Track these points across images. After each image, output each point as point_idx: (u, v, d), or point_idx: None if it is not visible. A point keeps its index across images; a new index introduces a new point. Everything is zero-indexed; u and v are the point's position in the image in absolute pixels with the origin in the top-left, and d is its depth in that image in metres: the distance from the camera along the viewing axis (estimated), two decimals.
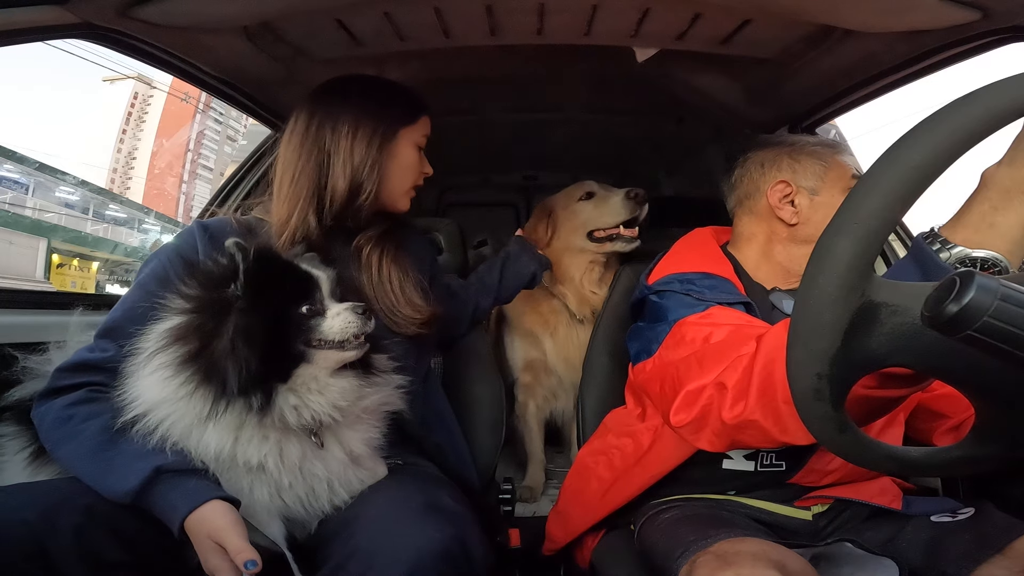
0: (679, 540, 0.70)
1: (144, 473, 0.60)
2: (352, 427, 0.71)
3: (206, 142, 65.31)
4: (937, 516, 0.74)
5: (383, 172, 0.84)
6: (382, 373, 0.75)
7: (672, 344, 0.78)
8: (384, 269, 0.87)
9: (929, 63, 0.92)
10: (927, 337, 0.35)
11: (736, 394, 0.64)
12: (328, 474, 0.68)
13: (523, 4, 0.90)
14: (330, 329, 0.66)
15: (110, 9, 0.78)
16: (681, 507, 0.82)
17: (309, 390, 0.66)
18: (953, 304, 0.30)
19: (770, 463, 0.82)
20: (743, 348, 0.66)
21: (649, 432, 0.86)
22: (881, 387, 0.49)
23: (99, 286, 21.41)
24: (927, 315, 0.32)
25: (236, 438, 0.63)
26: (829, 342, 0.36)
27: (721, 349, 0.70)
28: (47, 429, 0.66)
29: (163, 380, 0.63)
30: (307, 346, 0.66)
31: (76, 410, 0.66)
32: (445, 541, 0.60)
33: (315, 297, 0.68)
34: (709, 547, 0.65)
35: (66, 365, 0.71)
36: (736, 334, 0.71)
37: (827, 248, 0.36)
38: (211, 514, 0.59)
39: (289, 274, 0.69)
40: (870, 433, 0.42)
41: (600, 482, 0.90)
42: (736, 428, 0.65)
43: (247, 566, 0.56)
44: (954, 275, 0.31)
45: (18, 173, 21.95)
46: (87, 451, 0.63)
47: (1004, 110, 0.33)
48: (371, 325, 0.69)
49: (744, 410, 0.63)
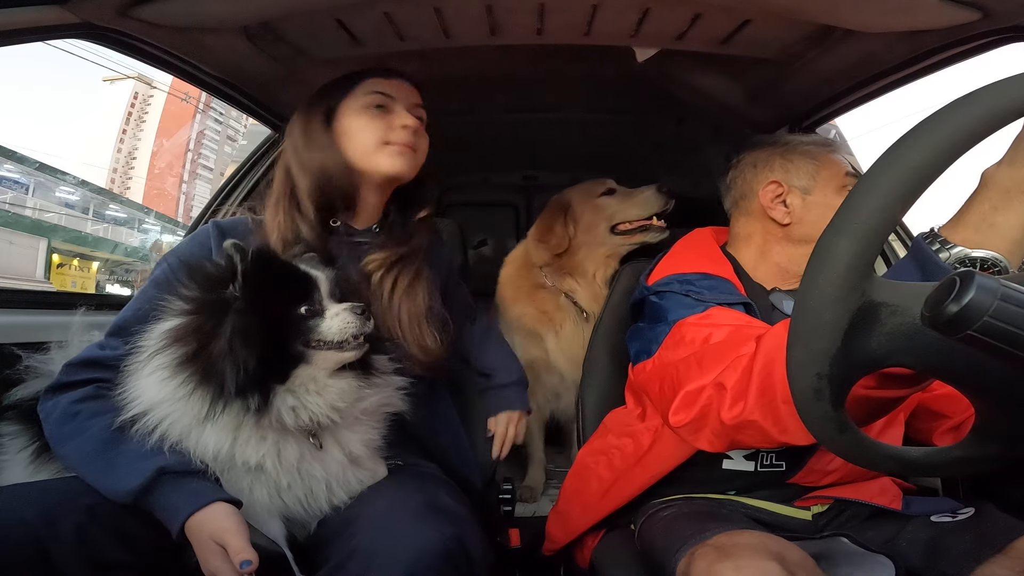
0: (677, 535, 0.70)
1: (146, 473, 0.60)
2: (351, 428, 0.71)
3: (206, 142, 65.30)
4: (937, 516, 0.74)
5: (341, 147, 0.85)
6: (382, 374, 0.75)
7: (672, 344, 0.78)
8: (394, 300, 0.85)
9: (929, 63, 0.92)
10: (927, 337, 0.35)
11: (735, 394, 0.64)
12: (326, 475, 0.68)
13: (523, 4, 0.89)
14: (328, 330, 0.66)
15: (110, 9, 0.78)
16: (680, 505, 0.82)
17: (307, 391, 0.66)
18: (953, 304, 0.30)
19: (770, 463, 0.82)
20: (742, 348, 0.66)
21: (649, 432, 0.86)
22: (880, 387, 0.49)
23: (99, 286, 21.42)
24: (927, 315, 0.32)
25: (234, 438, 0.63)
26: (829, 342, 0.36)
27: (720, 349, 0.70)
28: (53, 424, 0.67)
29: (161, 381, 0.63)
30: (306, 347, 0.66)
31: (82, 407, 0.66)
32: (445, 541, 0.60)
33: (314, 297, 0.68)
34: (707, 540, 0.65)
35: (76, 360, 0.71)
36: (735, 334, 0.71)
37: (827, 248, 0.36)
38: (213, 516, 0.59)
39: (287, 274, 0.69)
40: (870, 434, 0.42)
41: (600, 482, 0.90)
42: (735, 428, 0.65)
43: (242, 566, 0.56)
44: (954, 275, 0.31)
45: (18, 173, 21.96)
46: (90, 449, 0.63)
47: (1004, 110, 0.33)
48: (370, 326, 0.69)
49: (743, 410, 0.63)
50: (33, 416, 0.72)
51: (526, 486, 1.44)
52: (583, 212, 1.39)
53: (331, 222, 0.87)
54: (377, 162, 0.85)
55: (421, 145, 0.88)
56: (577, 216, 1.38)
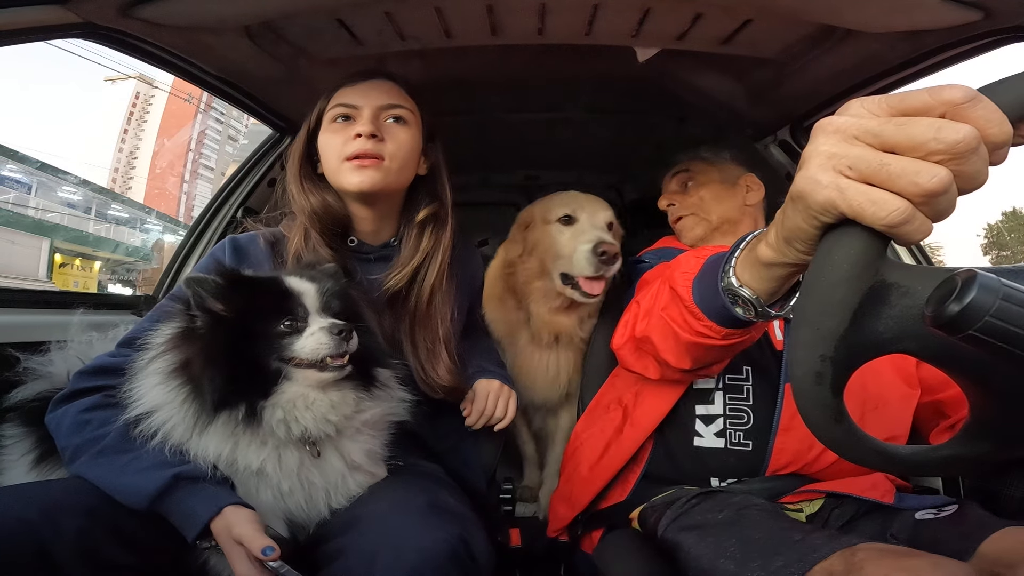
0: (757, 548, 0.65)
1: (163, 480, 0.60)
2: (352, 438, 0.70)
3: (207, 142, 65.39)
4: (921, 513, 0.74)
5: (323, 158, 0.86)
6: (384, 387, 0.74)
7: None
8: (406, 323, 0.85)
9: (930, 63, 0.92)
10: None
11: (644, 312, 0.81)
12: (325, 482, 0.68)
13: (524, 4, 0.89)
14: (303, 348, 0.64)
15: (111, 9, 0.78)
16: (700, 501, 0.80)
17: (295, 406, 0.64)
18: (955, 303, 0.30)
19: (738, 441, 0.88)
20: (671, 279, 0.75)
21: (631, 391, 0.96)
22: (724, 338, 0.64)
23: (101, 286, 21.46)
24: (929, 314, 0.32)
25: (235, 443, 0.64)
26: (838, 322, 0.35)
27: (656, 285, 0.83)
28: (64, 436, 0.66)
29: (157, 385, 0.63)
30: (285, 363, 0.64)
31: (92, 415, 0.66)
32: (449, 541, 0.60)
33: (296, 312, 0.66)
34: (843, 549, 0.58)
35: (86, 369, 0.71)
36: (666, 270, 0.82)
37: (846, 224, 0.35)
38: (233, 518, 0.60)
39: (265, 291, 0.67)
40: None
41: (593, 450, 0.96)
42: (641, 340, 0.82)
43: (264, 552, 0.56)
44: (956, 275, 0.31)
45: (20, 173, 22.01)
46: (103, 458, 0.63)
47: (1008, 108, 0.33)
48: (349, 346, 0.66)
49: (647, 326, 0.79)
50: (34, 420, 0.72)
51: (525, 486, 1.43)
52: (536, 237, 1.18)
53: (348, 241, 0.87)
54: (341, 180, 0.83)
55: (389, 151, 0.83)
56: (532, 240, 1.18)
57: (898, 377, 0.87)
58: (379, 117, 0.84)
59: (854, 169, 0.34)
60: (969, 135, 0.31)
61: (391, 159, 0.83)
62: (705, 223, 1.07)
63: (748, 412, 0.88)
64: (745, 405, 0.88)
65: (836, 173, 0.35)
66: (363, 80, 0.87)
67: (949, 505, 0.74)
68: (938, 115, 0.32)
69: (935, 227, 0.35)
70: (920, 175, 0.32)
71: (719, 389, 0.90)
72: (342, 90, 0.86)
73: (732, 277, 0.56)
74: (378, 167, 0.81)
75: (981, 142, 0.31)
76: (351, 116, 0.84)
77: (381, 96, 0.85)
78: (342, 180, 0.82)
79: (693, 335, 0.67)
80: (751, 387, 0.89)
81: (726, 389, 0.90)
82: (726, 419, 0.89)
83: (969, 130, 0.31)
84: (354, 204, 0.87)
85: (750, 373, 0.90)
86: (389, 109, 0.85)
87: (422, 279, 0.86)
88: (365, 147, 0.81)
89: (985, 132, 0.31)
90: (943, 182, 0.31)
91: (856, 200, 0.34)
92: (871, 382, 0.85)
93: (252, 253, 0.84)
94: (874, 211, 0.33)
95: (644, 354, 0.86)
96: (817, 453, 0.83)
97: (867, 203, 0.33)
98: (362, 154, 0.80)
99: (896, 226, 0.33)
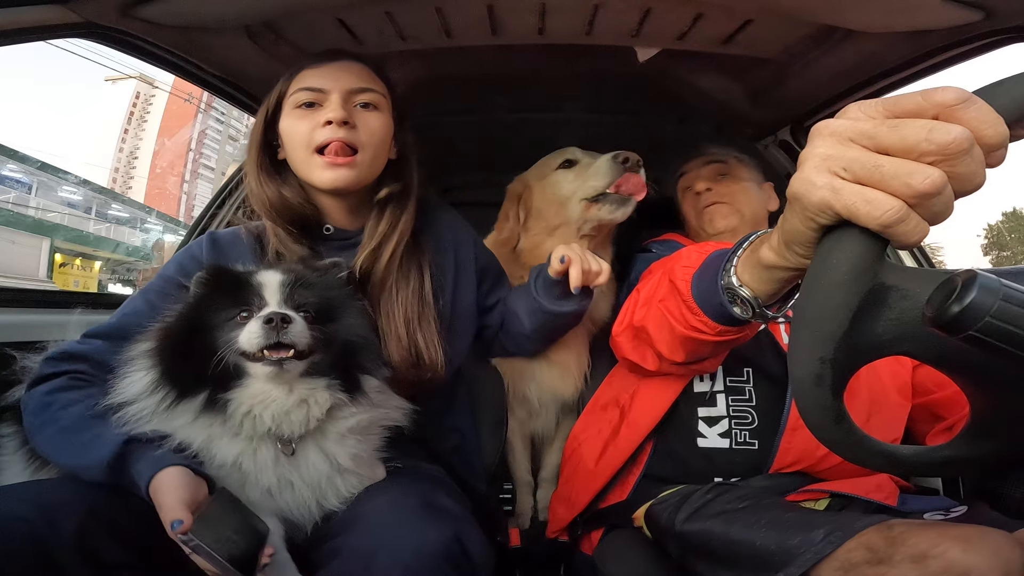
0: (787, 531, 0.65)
1: (116, 444, 0.59)
2: (339, 442, 0.68)
3: (207, 141, 65.40)
4: (930, 514, 0.73)
5: (286, 147, 0.81)
6: (372, 395, 0.70)
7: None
8: (379, 306, 0.80)
9: (931, 63, 0.92)
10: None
11: (644, 301, 0.80)
12: (307, 483, 0.66)
13: (524, 4, 0.89)
14: (240, 340, 0.62)
15: (112, 9, 0.79)
16: (717, 492, 0.80)
17: (256, 400, 0.63)
18: (955, 304, 0.30)
19: (744, 440, 0.87)
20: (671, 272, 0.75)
21: (627, 391, 0.96)
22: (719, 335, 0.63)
23: (101, 285, 21.48)
24: (929, 315, 0.32)
25: (208, 436, 0.63)
26: (837, 324, 0.35)
27: (657, 276, 0.82)
28: (29, 415, 0.67)
29: (137, 372, 0.64)
30: (239, 356, 0.63)
31: (56, 397, 0.66)
32: (445, 541, 0.60)
33: (252, 304, 0.64)
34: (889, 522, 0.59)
35: (53, 354, 0.71)
36: (669, 262, 0.81)
37: (844, 227, 0.35)
38: (164, 481, 0.57)
39: (228, 281, 0.67)
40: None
41: (591, 450, 0.97)
42: (639, 329, 0.81)
43: (172, 526, 0.53)
44: (956, 275, 0.31)
45: (21, 173, 22.03)
46: (62, 435, 0.63)
47: (1004, 110, 0.33)
48: (285, 338, 0.61)
49: (645, 316, 0.78)
50: None
51: (517, 514, 1.24)
52: (537, 191, 1.14)
53: (324, 229, 0.84)
54: (311, 175, 0.78)
55: (362, 140, 0.77)
56: (532, 199, 1.14)
57: (892, 385, 0.87)
58: (349, 102, 0.78)
59: (848, 170, 0.34)
60: (960, 136, 0.31)
61: (363, 151, 0.78)
62: (739, 215, 1.07)
63: (752, 412, 0.88)
64: (748, 406, 0.89)
65: (831, 174, 0.35)
66: (329, 61, 0.80)
67: (957, 507, 0.73)
68: (931, 117, 0.32)
69: (935, 228, 0.35)
70: (913, 176, 0.32)
71: (721, 392, 0.91)
72: (306, 71, 0.79)
73: (733, 276, 0.56)
74: (352, 165, 0.77)
75: (974, 143, 0.31)
76: (317, 102, 0.78)
77: (350, 79, 0.79)
78: (312, 175, 0.78)
79: (688, 329, 0.67)
80: (752, 388, 0.89)
81: (728, 391, 0.90)
82: (731, 420, 0.89)
83: (960, 131, 0.31)
84: (323, 196, 0.83)
85: (750, 375, 0.90)
86: (360, 93, 0.79)
87: (380, 259, 0.81)
88: (337, 135, 0.75)
89: (979, 134, 0.31)
90: (935, 183, 0.31)
91: (850, 200, 0.34)
92: (875, 384, 0.85)
93: (234, 248, 0.82)
94: (868, 211, 0.33)
95: (641, 343, 0.84)
96: (824, 453, 0.83)
97: (861, 203, 0.33)
98: (334, 144, 0.75)
99: (891, 226, 0.33)
